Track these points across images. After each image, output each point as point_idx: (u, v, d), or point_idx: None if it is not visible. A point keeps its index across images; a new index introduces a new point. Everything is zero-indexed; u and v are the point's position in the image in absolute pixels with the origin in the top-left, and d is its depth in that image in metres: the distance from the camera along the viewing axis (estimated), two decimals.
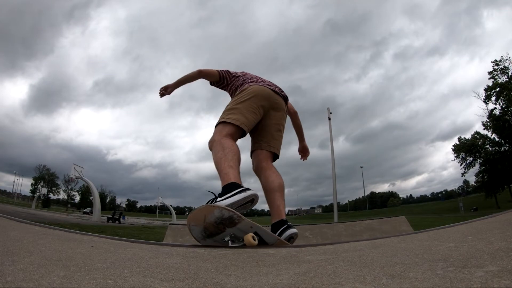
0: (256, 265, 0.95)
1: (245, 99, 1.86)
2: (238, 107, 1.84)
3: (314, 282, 0.69)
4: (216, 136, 1.76)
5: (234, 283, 0.73)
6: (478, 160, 39.72)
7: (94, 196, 20.66)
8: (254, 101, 1.86)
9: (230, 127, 1.77)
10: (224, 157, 1.65)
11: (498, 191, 39.90)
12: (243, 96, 1.89)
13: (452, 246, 0.98)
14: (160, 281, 0.72)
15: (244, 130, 1.81)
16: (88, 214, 36.24)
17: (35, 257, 0.91)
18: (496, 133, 35.67)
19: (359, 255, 1.02)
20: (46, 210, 36.68)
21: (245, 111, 1.82)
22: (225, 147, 1.68)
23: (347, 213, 78.76)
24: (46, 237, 1.49)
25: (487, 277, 0.58)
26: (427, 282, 0.61)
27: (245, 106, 1.84)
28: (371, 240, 1.78)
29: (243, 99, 1.87)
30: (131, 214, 61.65)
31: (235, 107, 1.85)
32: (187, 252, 1.29)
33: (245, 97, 1.87)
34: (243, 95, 1.89)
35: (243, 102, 1.86)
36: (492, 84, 33.97)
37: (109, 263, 0.92)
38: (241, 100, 1.87)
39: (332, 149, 15.85)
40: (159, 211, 61.26)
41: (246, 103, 1.85)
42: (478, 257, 0.75)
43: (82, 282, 0.68)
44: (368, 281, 0.66)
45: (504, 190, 39.52)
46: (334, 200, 15.34)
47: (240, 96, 1.89)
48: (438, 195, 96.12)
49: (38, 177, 68.46)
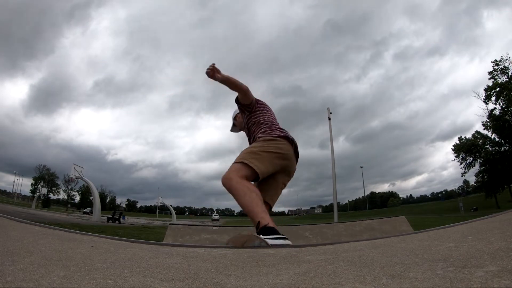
0: (256, 265, 0.95)
1: (272, 151, 1.93)
2: (263, 155, 1.90)
3: (314, 282, 0.69)
4: (233, 175, 1.82)
5: (234, 283, 0.73)
6: (478, 160, 39.70)
7: (94, 196, 20.66)
8: (278, 157, 1.94)
9: (249, 170, 1.83)
10: (253, 201, 1.75)
11: (498, 191, 39.87)
12: (271, 147, 1.95)
13: (452, 246, 0.98)
14: (160, 281, 0.72)
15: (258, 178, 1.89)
16: (88, 214, 36.21)
17: (35, 257, 0.91)
18: (496, 133, 35.65)
19: (359, 255, 1.02)
20: (46, 210, 36.66)
21: (268, 162, 1.90)
22: (252, 190, 1.79)
23: (347, 213, 78.70)
24: (46, 237, 1.49)
25: (487, 277, 0.58)
26: (427, 282, 0.61)
27: (269, 158, 1.91)
28: (371, 240, 1.78)
29: (270, 150, 1.93)
30: (131, 214, 61.62)
31: (260, 153, 1.90)
32: (187, 252, 1.29)
33: (272, 149, 1.94)
34: (271, 146, 1.95)
35: (269, 153, 1.92)
36: (492, 84, 33.96)
37: (109, 263, 0.92)
38: (268, 150, 1.93)
39: (332, 149, 15.85)
40: (159, 211, 61.23)
41: (271, 156, 1.92)
42: (478, 257, 0.75)
43: (82, 282, 0.68)
44: (368, 281, 0.66)
45: (504, 190, 39.49)
46: (334, 200, 15.34)
47: (268, 145, 1.95)
48: (438, 195, 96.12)
49: (38, 177, 68.45)
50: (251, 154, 1.90)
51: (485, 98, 35.37)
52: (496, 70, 33.99)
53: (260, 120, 2.15)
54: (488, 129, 36.72)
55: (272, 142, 1.97)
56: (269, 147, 1.95)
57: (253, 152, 1.91)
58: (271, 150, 1.94)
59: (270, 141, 1.98)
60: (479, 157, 39.83)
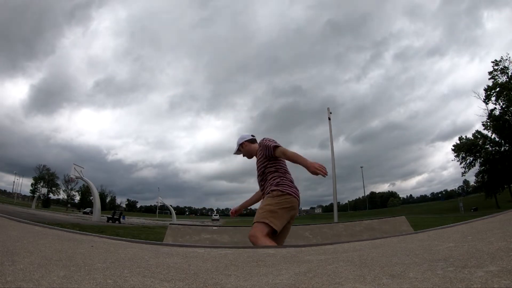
0: (256, 265, 0.95)
1: (285, 207, 2.23)
2: (279, 213, 2.19)
3: (314, 282, 0.69)
4: (258, 234, 2.11)
5: (234, 283, 0.73)
6: (478, 160, 39.69)
7: (94, 196, 20.66)
8: (289, 210, 2.27)
9: (270, 229, 2.11)
10: None
11: (498, 191, 39.86)
12: (284, 203, 2.24)
13: (452, 246, 0.98)
14: (160, 281, 0.72)
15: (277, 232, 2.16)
16: (88, 214, 36.18)
17: (35, 257, 0.91)
18: (496, 133, 35.65)
19: (359, 255, 1.02)
20: (46, 210, 36.63)
21: (282, 219, 2.20)
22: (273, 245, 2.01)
23: (347, 213, 78.63)
24: (46, 237, 1.49)
25: (487, 277, 0.58)
26: (427, 282, 0.61)
27: (283, 214, 2.21)
28: (371, 240, 1.78)
29: (283, 206, 2.23)
30: (131, 214, 61.58)
31: (277, 211, 2.19)
32: (187, 252, 1.29)
33: (285, 205, 2.24)
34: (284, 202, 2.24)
35: (283, 209, 2.22)
36: (492, 84, 33.96)
37: (109, 263, 0.92)
38: (282, 206, 2.22)
39: (332, 149, 15.84)
40: (159, 211, 61.21)
41: (285, 211, 2.22)
42: (478, 257, 0.75)
43: (82, 282, 0.68)
44: (368, 281, 0.66)
45: (504, 190, 39.47)
46: (334, 200, 15.32)
47: (282, 202, 2.24)
48: (438, 195, 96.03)
49: (38, 177, 68.44)
50: (270, 213, 2.18)
51: (485, 98, 35.37)
52: (496, 70, 34.00)
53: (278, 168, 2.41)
54: (488, 129, 36.73)
55: (286, 199, 2.27)
56: (283, 203, 2.24)
57: (271, 211, 2.19)
58: (284, 206, 2.23)
59: (281, 196, 2.28)
60: (479, 157, 39.83)
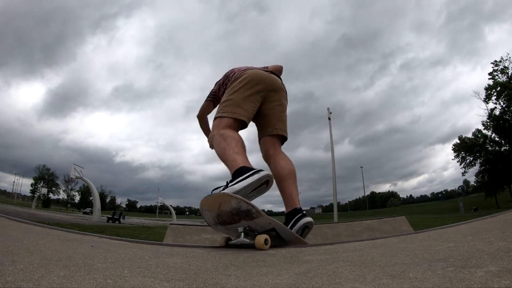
0: (256, 265, 0.95)
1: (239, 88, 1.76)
2: (232, 98, 1.74)
3: (314, 282, 0.69)
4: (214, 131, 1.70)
5: (234, 283, 0.73)
6: (478, 159, 39.70)
7: (94, 196, 20.66)
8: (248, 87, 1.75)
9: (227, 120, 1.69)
10: (227, 146, 1.58)
11: (498, 191, 39.88)
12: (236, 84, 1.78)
13: (452, 246, 0.98)
14: (160, 281, 0.72)
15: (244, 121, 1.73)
16: (88, 214, 36.21)
17: (35, 257, 0.91)
18: (496, 133, 35.67)
19: (359, 255, 1.02)
20: (46, 210, 36.65)
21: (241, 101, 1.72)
22: (226, 137, 1.61)
23: (347, 213, 78.71)
24: (46, 237, 1.49)
25: (487, 277, 0.58)
26: (427, 282, 0.61)
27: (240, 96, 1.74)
28: (371, 240, 1.78)
29: (236, 88, 1.76)
30: (131, 214, 61.64)
31: (229, 98, 1.76)
32: (187, 252, 1.29)
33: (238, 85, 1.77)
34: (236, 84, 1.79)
35: (237, 91, 1.75)
36: (492, 83, 33.97)
37: (109, 263, 0.92)
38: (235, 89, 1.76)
39: (332, 149, 15.85)
40: (159, 211, 61.22)
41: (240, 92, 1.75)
42: (478, 257, 0.75)
43: (82, 282, 0.68)
44: (368, 281, 0.66)
45: (504, 190, 39.50)
46: (334, 200, 15.33)
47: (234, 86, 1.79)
48: (438, 195, 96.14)
49: (38, 177, 68.47)
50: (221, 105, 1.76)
51: (486, 98, 35.40)
52: (496, 71, 34.03)
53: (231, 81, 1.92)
54: (488, 129, 36.76)
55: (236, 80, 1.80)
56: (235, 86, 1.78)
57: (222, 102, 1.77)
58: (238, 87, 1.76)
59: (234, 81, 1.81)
60: (480, 157, 39.84)
